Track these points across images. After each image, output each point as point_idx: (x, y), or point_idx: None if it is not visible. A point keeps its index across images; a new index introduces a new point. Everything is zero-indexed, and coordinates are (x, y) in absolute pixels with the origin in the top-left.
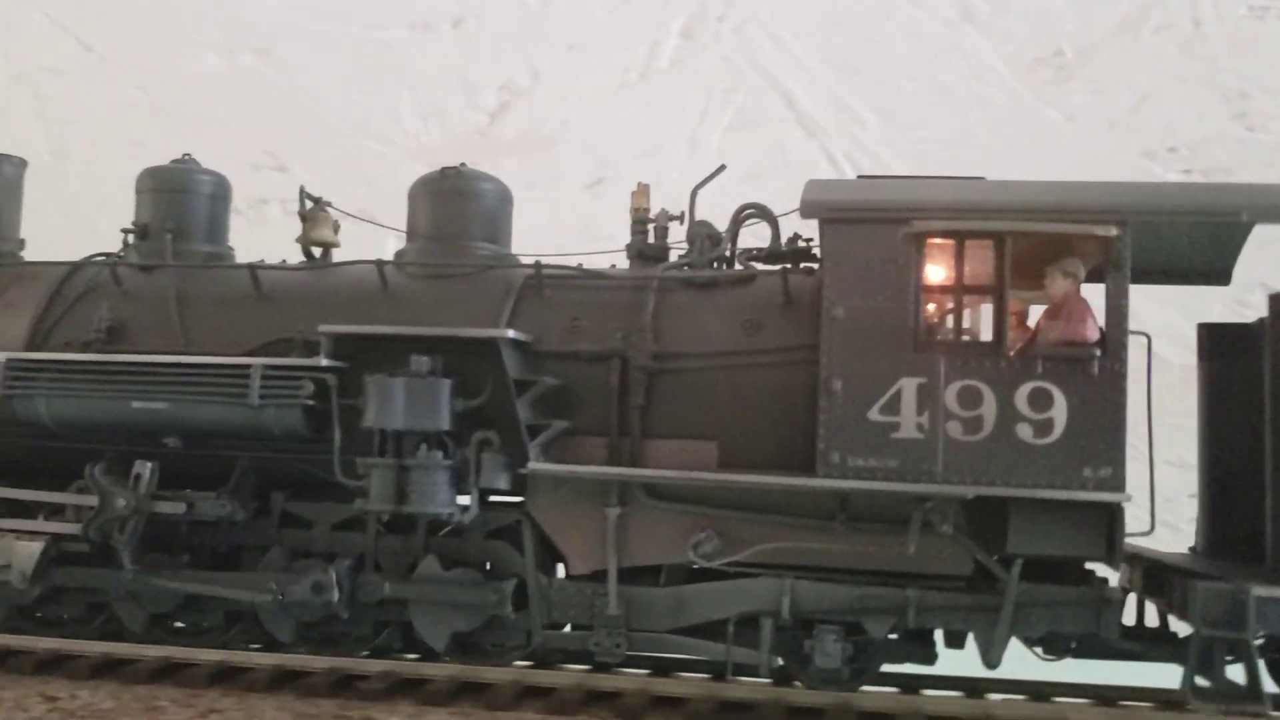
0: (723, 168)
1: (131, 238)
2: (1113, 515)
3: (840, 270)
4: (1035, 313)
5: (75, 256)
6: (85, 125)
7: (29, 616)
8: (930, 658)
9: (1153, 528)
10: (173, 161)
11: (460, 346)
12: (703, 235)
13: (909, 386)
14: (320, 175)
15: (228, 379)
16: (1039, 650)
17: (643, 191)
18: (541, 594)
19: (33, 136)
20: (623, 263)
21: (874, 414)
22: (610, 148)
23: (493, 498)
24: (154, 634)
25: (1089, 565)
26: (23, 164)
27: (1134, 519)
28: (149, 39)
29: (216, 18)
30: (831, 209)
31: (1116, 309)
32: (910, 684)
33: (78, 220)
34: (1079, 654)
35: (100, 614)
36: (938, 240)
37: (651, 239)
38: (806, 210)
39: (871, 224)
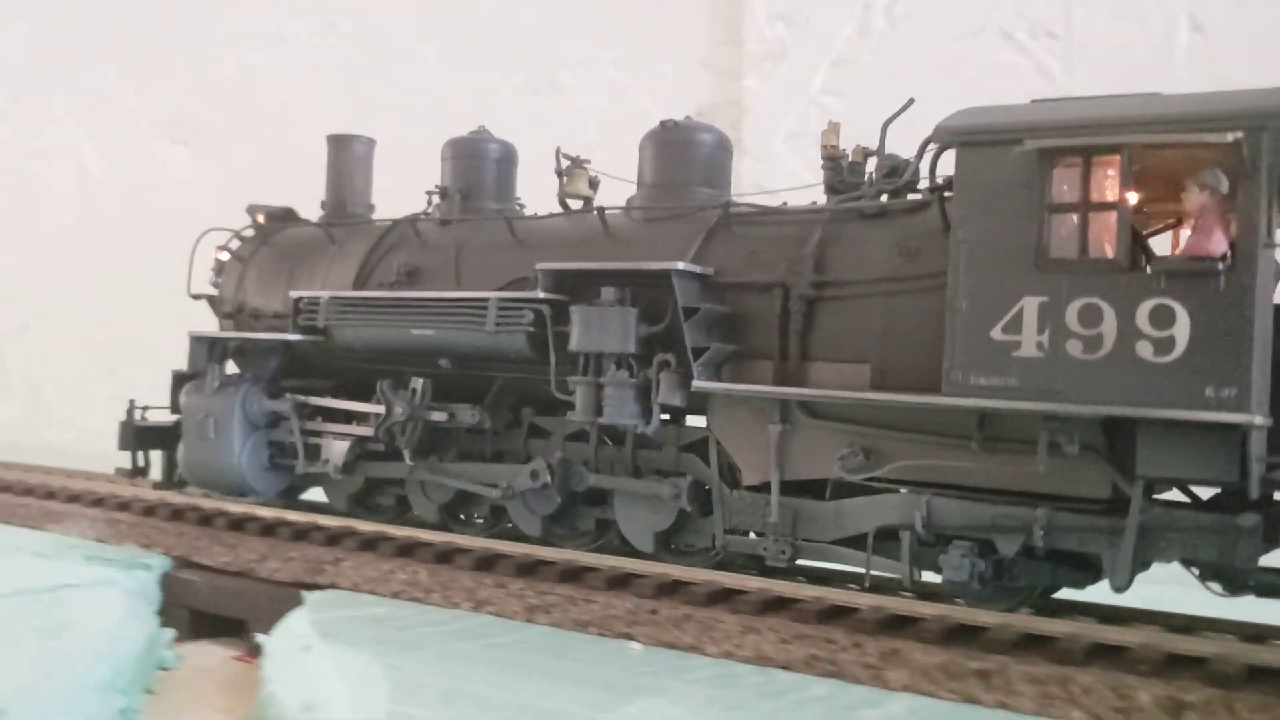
0: (911, 101)
1: (435, 198)
2: (1245, 438)
3: (968, 194)
4: None
5: None
6: None
7: (361, 505)
8: (1080, 582)
9: None
10: (469, 133)
11: (644, 279)
12: (884, 168)
13: (1030, 305)
14: None
15: (472, 310)
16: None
17: (833, 129)
18: (723, 502)
19: None
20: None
21: (996, 333)
22: None
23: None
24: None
25: None
26: (371, 142)
27: None
28: None
29: None
30: (957, 134)
31: (1247, 220)
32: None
33: None
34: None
35: (408, 506)
36: (1063, 159)
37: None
38: (936, 136)
39: (993, 146)
